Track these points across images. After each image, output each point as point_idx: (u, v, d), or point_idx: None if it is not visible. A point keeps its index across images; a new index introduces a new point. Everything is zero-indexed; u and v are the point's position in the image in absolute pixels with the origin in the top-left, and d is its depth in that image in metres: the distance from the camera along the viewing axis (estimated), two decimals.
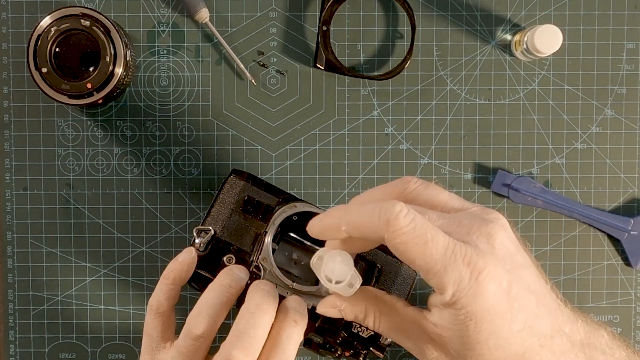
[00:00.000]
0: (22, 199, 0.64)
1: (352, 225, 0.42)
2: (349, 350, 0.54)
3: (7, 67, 0.64)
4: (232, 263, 0.53)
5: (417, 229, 0.39)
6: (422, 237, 0.39)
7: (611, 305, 0.65)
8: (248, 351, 0.45)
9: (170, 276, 0.52)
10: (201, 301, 0.48)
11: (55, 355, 0.65)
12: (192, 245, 0.54)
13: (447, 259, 0.39)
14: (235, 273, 0.50)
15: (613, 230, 0.64)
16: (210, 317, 0.47)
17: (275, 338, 0.46)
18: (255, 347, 0.46)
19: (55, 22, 0.57)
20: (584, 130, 0.65)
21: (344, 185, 0.65)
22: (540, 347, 0.42)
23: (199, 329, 0.47)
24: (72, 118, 0.64)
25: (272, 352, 0.46)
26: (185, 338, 0.48)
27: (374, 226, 0.40)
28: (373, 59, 0.64)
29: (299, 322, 0.47)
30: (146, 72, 0.64)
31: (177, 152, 0.65)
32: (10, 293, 0.65)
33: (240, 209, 0.55)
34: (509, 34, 0.64)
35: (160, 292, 0.51)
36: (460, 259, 0.40)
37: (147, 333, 0.52)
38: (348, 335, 0.53)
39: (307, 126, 0.65)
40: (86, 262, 0.65)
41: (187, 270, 0.52)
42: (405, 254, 0.40)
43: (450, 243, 0.40)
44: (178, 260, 0.52)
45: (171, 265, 0.52)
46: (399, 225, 0.39)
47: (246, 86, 0.64)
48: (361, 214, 0.41)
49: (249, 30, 0.64)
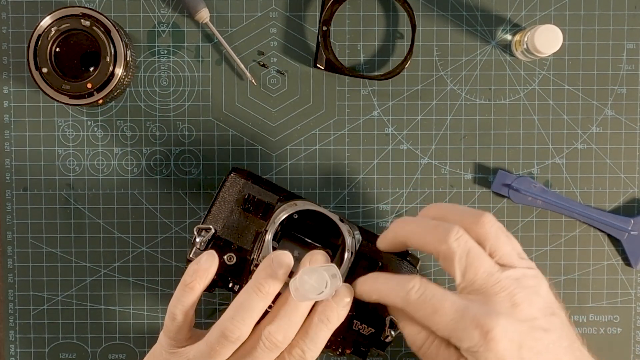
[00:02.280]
0: (23, 199, 0.64)
1: (379, 294, 0.49)
2: (350, 347, 0.54)
3: (7, 67, 0.64)
4: (232, 262, 0.53)
5: (427, 301, 0.45)
6: (430, 307, 0.45)
7: (611, 305, 0.65)
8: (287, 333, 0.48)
9: (194, 284, 0.50)
10: (238, 303, 0.49)
11: (56, 355, 0.65)
12: (193, 244, 0.54)
13: (457, 323, 0.44)
14: (272, 282, 0.49)
15: (613, 230, 0.64)
16: (246, 321, 0.48)
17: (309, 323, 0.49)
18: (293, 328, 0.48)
19: (56, 22, 0.57)
20: (584, 130, 0.65)
21: (344, 185, 0.65)
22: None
23: (235, 333, 0.48)
24: (73, 118, 0.64)
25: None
26: (220, 339, 0.48)
27: (395, 296, 0.47)
28: (373, 59, 0.64)
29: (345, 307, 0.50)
30: (146, 72, 0.64)
31: (178, 152, 0.65)
32: (10, 293, 0.65)
33: (240, 207, 0.55)
34: (509, 34, 0.64)
35: (186, 300, 0.50)
36: (469, 321, 0.44)
37: (165, 335, 0.51)
38: (349, 333, 0.53)
39: (307, 126, 0.65)
40: (86, 262, 0.65)
41: (210, 277, 0.51)
42: (421, 321, 0.46)
43: (460, 306, 0.45)
44: (201, 265, 0.51)
45: (192, 269, 0.51)
46: (410, 299, 0.46)
47: (246, 86, 0.64)
48: (386, 283, 0.48)
49: (249, 31, 0.64)
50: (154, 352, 0.53)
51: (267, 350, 0.48)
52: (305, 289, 0.46)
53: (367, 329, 0.54)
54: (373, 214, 0.65)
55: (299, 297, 0.46)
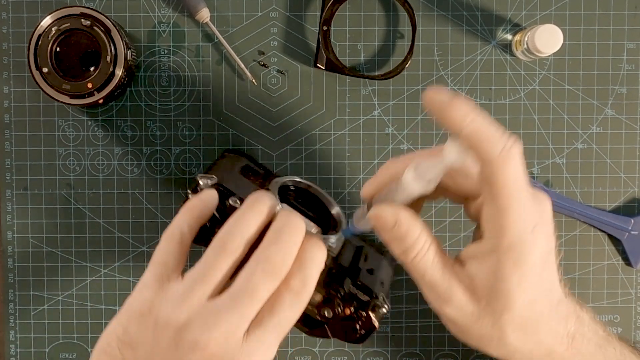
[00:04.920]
0: (23, 198, 0.64)
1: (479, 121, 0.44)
2: (349, 305, 0.53)
3: (7, 67, 0.64)
4: (238, 205, 0.50)
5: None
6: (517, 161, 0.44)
7: (611, 305, 0.65)
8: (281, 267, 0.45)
9: (195, 208, 0.48)
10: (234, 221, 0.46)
11: (56, 355, 0.65)
12: (197, 188, 0.51)
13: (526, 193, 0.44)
14: (267, 199, 0.47)
15: (613, 230, 0.64)
16: (243, 233, 0.45)
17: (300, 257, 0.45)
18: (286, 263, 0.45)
19: (56, 22, 0.57)
20: (585, 130, 0.65)
21: (344, 185, 0.65)
22: (549, 309, 0.46)
23: (233, 242, 0.44)
24: (73, 118, 0.64)
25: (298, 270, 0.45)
26: (216, 251, 0.44)
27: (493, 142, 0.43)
28: (374, 59, 0.65)
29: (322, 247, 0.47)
30: (147, 72, 0.64)
31: (178, 152, 0.65)
32: (10, 293, 0.65)
33: (239, 172, 0.54)
34: (509, 33, 0.64)
35: (184, 222, 0.47)
36: (531, 201, 0.44)
37: (159, 261, 0.46)
38: (347, 294, 0.52)
39: (307, 126, 0.65)
40: (87, 262, 0.65)
41: (211, 208, 0.49)
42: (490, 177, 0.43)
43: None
44: (200, 197, 0.49)
45: (194, 201, 0.48)
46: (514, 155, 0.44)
47: (247, 86, 0.64)
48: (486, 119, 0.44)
49: (250, 30, 0.64)
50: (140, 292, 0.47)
51: (267, 275, 0.44)
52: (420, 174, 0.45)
53: (363, 295, 0.53)
54: None
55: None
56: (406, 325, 0.65)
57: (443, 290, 0.46)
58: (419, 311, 0.65)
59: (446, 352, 0.66)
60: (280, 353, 0.65)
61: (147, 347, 0.44)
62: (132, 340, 0.45)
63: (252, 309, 0.44)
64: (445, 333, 0.65)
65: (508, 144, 0.43)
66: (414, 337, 0.65)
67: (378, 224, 0.46)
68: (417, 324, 0.65)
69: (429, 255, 0.46)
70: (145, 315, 0.45)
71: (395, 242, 0.46)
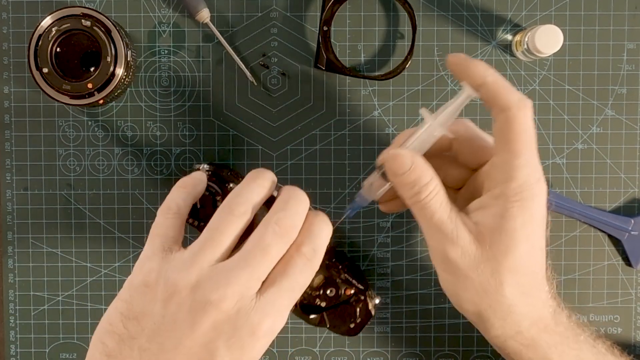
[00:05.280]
0: (23, 199, 0.64)
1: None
2: (350, 287, 0.55)
3: (7, 67, 0.64)
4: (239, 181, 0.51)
5: None
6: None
7: (611, 305, 0.65)
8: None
9: (188, 184, 0.49)
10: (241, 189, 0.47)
11: (56, 355, 0.65)
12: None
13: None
14: (268, 173, 0.48)
15: (613, 230, 0.64)
16: (250, 200, 0.46)
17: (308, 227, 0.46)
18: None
19: (56, 22, 0.57)
20: (585, 130, 0.65)
21: (344, 186, 0.65)
22: (541, 277, 0.50)
23: (240, 207, 0.45)
24: (73, 118, 0.64)
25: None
26: (224, 215, 0.45)
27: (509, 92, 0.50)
28: (374, 59, 0.65)
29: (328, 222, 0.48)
30: (147, 72, 0.64)
31: (178, 153, 0.65)
32: (10, 293, 0.65)
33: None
34: (509, 34, 0.64)
35: (178, 196, 0.48)
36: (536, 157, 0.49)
37: (158, 233, 0.47)
38: (346, 278, 0.55)
39: (307, 126, 0.65)
40: (87, 262, 0.65)
41: (202, 185, 0.49)
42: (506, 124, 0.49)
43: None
44: (192, 175, 0.50)
45: (185, 178, 0.49)
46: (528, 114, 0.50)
47: (247, 86, 0.64)
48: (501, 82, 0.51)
49: (250, 31, 0.64)
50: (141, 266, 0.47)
51: (278, 236, 0.44)
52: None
53: (358, 283, 0.56)
54: (374, 215, 0.65)
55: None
56: (406, 326, 0.66)
57: (450, 230, 0.48)
58: (419, 311, 0.65)
59: (446, 352, 0.66)
60: (280, 353, 0.65)
61: (155, 318, 0.43)
62: (138, 313, 0.44)
63: (264, 267, 0.44)
64: (445, 333, 0.65)
65: (524, 96, 0.49)
66: (414, 337, 0.66)
67: (394, 165, 0.48)
68: (417, 324, 0.65)
69: (439, 197, 0.48)
70: (150, 285, 0.44)
71: (407, 186, 0.48)
